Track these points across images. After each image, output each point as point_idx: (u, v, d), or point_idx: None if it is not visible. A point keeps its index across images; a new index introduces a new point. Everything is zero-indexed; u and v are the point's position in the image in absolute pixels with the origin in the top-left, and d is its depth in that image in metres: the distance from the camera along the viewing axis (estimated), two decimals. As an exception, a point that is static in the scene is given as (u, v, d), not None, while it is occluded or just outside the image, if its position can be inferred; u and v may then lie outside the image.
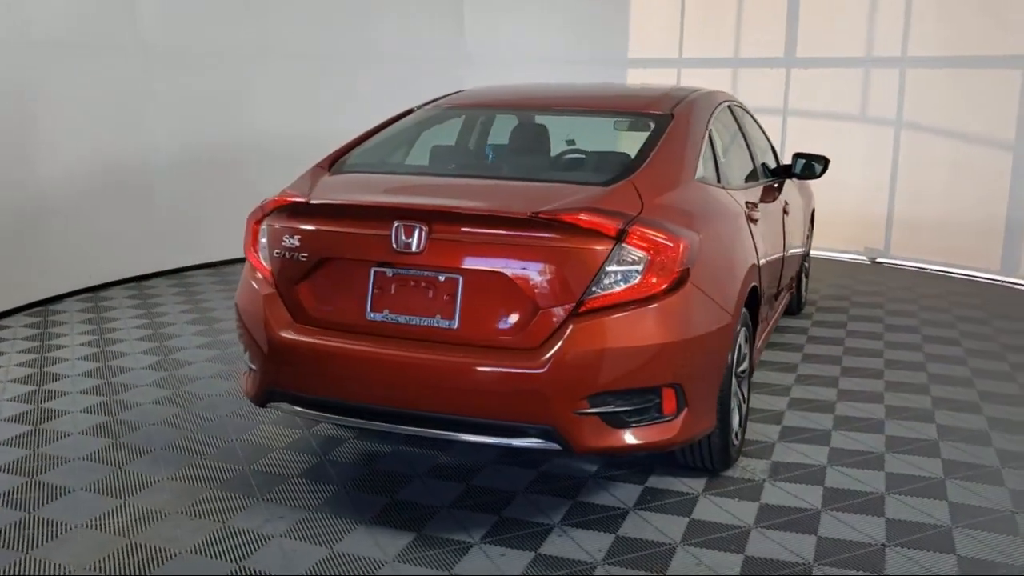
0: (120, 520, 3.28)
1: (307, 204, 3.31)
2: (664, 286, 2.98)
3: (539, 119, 4.23)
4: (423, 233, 3.04)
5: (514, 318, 3.02)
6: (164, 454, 3.86)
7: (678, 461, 3.66)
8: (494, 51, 9.03)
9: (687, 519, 3.31)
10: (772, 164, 5.20)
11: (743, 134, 4.67)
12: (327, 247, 3.24)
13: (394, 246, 3.08)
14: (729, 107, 4.55)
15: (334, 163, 3.75)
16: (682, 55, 8.84)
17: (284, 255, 3.31)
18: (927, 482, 3.62)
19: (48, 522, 3.26)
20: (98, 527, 3.23)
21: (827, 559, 3.03)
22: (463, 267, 3.05)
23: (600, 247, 2.96)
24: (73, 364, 5.06)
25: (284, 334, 3.25)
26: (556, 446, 2.99)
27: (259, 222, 3.47)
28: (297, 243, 3.27)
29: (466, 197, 3.34)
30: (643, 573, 2.95)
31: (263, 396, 3.36)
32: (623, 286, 2.96)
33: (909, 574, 2.94)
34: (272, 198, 3.42)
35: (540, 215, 2.98)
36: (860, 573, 2.94)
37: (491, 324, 3.04)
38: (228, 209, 7.40)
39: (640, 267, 2.97)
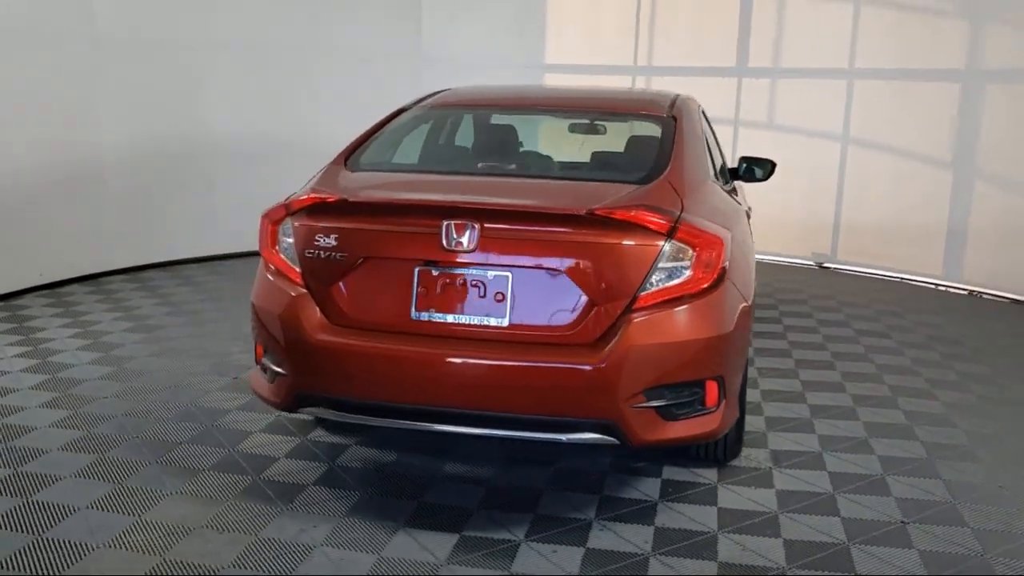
0: (142, 537, 3.09)
1: (347, 202, 3.21)
2: (709, 281, 3.08)
3: (544, 120, 4.27)
4: (475, 231, 3.02)
5: (567, 314, 3.04)
6: (161, 467, 3.65)
7: (689, 453, 3.77)
8: (452, 53, 9.12)
9: (715, 508, 3.42)
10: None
11: (711, 137, 4.86)
12: (369, 246, 3.16)
13: (444, 244, 3.05)
14: (702, 111, 4.72)
15: (346, 161, 3.66)
16: (636, 62, 9.12)
17: (318, 255, 3.20)
18: (917, 463, 3.88)
19: (63, 543, 3.03)
20: (121, 545, 3.03)
21: (859, 538, 3.20)
22: (514, 264, 3.05)
23: (653, 244, 3.02)
24: (20, 374, 4.70)
25: (320, 336, 3.14)
26: (613, 440, 3.03)
27: (278, 221, 3.34)
28: (334, 242, 3.17)
29: (509, 195, 3.34)
30: (696, 561, 3.03)
31: (294, 401, 3.24)
32: (673, 282, 3.04)
33: (936, 549, 3.15)
34: (299, 196, 3.30)
35: (596, 212, 3.01)
36: (894, 549, 3.13)
37: (543, 321, 3.05)
38: (181, 205, 7.47)
39: (688, 263, 3.05)
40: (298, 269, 3.25)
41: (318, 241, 3.20)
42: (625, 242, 3.02)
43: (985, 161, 7.38)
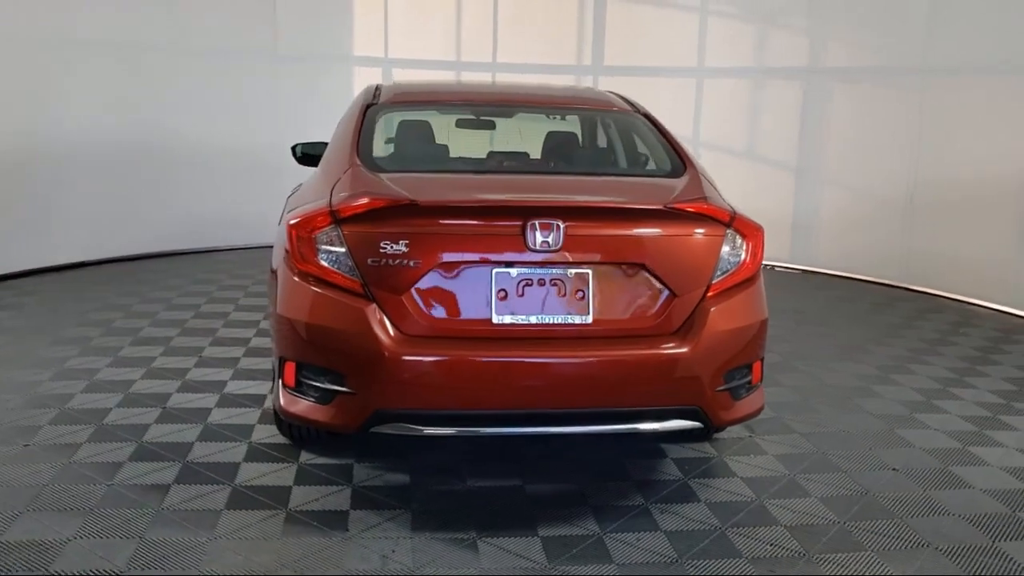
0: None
1: (418, 205, 3.04)
2: (756, 268, 3.31)
3: (518, 117, 4.25)
4: (559, 230, 3.01)
5: (649, 306, 3.13)
6: (188, 505, 3.22)
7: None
8: (310, 49, 8.84)
9: (741, 479, 3.67)
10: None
11: None
12: (443, 250, 3.03)
13: (529, 244, 3.00)
14: None
15: (363, 164, 3.43)
16: (496, 59, 9.20)
17: (386, 263, 3.00)
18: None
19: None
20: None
21: (878, 493, 3.61)
22: (593, 261, 3.08)
23: (719, 234, 3.19)
24: None
25: (400, 349, 2.96)
26: (696, 425, 3.17)
27: (314, 230, 3.09)
28: (405, 248, 3.00)
29: (575, 192, 3.35)
30: (766, 528, 3.25)
31: (368, 421, 3.03)
32: (734, 269, 3.23)
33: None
34: (350, 202, 3.06)
35: (673, 206, 3.12)
36: (927, 490, 3.57)
37: (625, 314, 3.12)
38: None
39: (741, 251, 3.25)
40: (359, 280, 3.03)
41: (384, 248, 3.01)
42: (697, 233, 3.16)
43: (825, 159, 8.35)
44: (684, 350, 3.07)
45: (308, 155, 4.97)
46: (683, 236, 3.15)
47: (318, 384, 3.11)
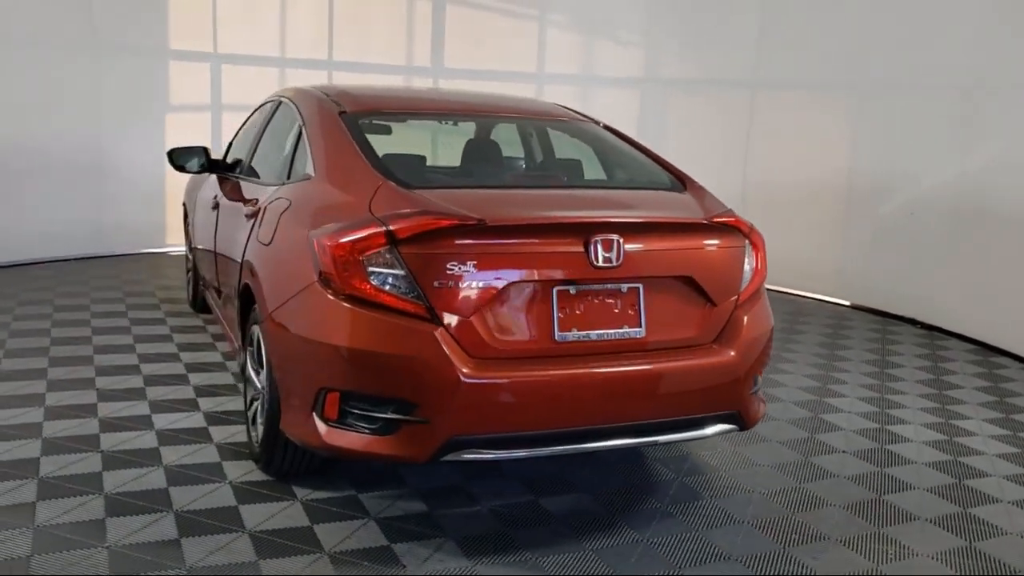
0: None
1: (487, 225, 2.90)
2: (764, 276, 3.51)
3: (495, 128, 4.16)
4: (620, 246, 3.02)
5: (693, 316, 3.22)
6: (213, 560, 2.87)
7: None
8: (134, 40, 8.04)
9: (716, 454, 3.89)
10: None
11: None
12: (509, 270, 2.93)
13: (592, 261, 2.99)
14: None
15: (396, 181, 3.21)
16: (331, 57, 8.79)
17: (453, 284, 2.86)
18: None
19: None
20: None
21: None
22: (645, 275, 3.12)
23: (742, 244, 3.36)
24: None
25: (473, 373, 2.84)
26: (734, 428, 3.31)
27: (363, 251, 2.89)
28: (473, 269, 2.87)
29: (625, 207, 3.37)
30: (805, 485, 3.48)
31: (439, 450, 2.87)
32: (751, 277, 3.41)
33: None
34: (411, 222, 2.87)
35: (714, 219, 3.24)
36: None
37: (672, 325, 3.19)
38: None
39: (752, 260, 3.43)
40: (423, 303, 2.87)
41: (452, 269, 2.87)
42: (730, 245, 3.31)
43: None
44: (729, 357, 3.21)
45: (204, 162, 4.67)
46: (720, 248, 3.29)
47: (377, 415, 2.90)
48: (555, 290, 3.01)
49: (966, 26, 6.53)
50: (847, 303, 7.65)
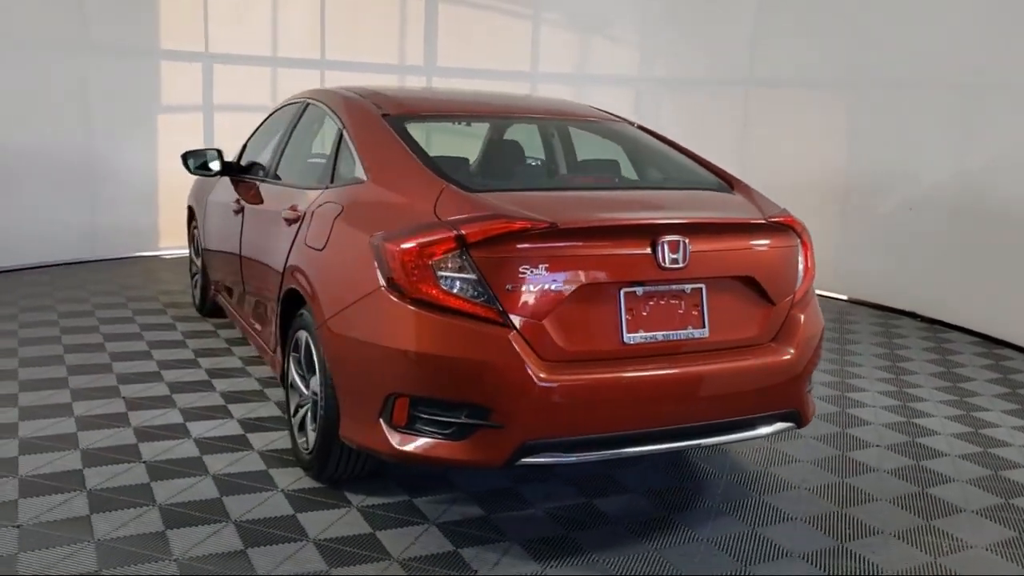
0: None
1: (559, 228, 2.89)
2: (813, 275, 3.54)
3: (534, 129, 4.16)
4: (686, 247, 3.03)
5: (752, 316, 3.25)
6: (283, 570, 2.83)
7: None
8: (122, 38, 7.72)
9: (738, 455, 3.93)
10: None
11: None
12: (580, 272, 2.93)
13: (660, 262, 3.00)
14: None
15: (455, 184, 3.18)
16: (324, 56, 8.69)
17: (526, 288, 2.85)
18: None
19: None
20: None
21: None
22: (708, 275, 3.14)
23: (795, 243, 3.38)
24: None
25: (549, 376, 2.84)
26: (791, 426, 3.34)
27: (433, 256, 2.87)
28: (545, 272, 2.87)
29: (689, 208, 3.37)
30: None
31: (514, 455, 2.86)
32: (803, 276, 3.44)
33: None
34: (482, 226, 2.85)
35: (772, 219, 3.26)
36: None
37: (734, 326, 3.21)
38: None
39: (803, 260, 3.47)
40: (495, 307, 2.86)
41: (524, 273, 2.86)
42: (787, 244, 3.33)
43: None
44: (788, 356, 3.24)
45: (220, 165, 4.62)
46: (778, 247, 3.32)
47: (450, 420, 2.89)
48: (622, 292, 3.01)
49: (962, 21, 6.62)
50: (844, 297, 7.76)
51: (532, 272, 2.87)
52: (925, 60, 6.88)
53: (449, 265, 2.88)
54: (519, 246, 2.88)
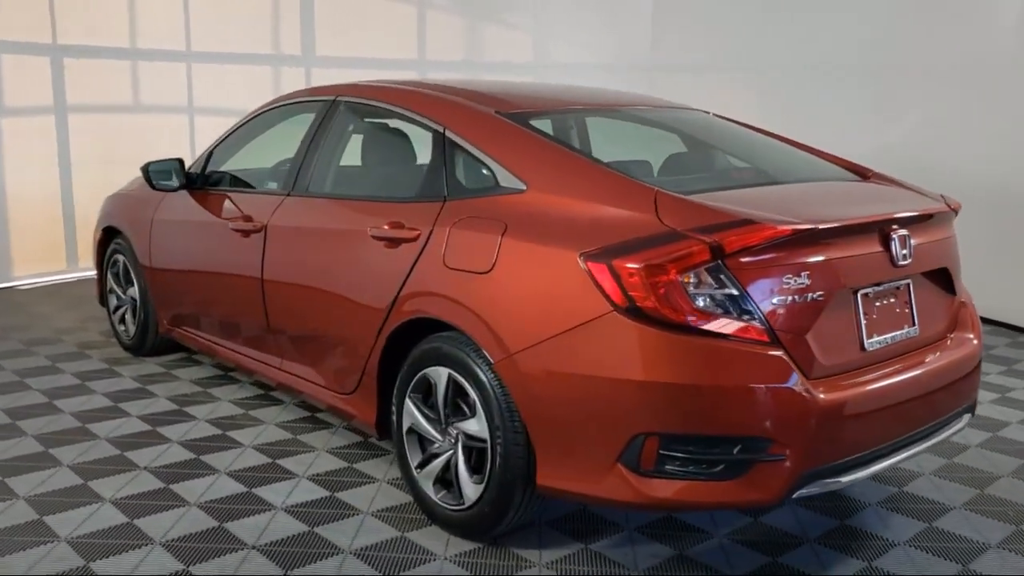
0: None
1: (817, 231, 2.60)
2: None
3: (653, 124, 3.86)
4: (911, 243, 2.87)
5: (943, 308, 3.15)
6: None
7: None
8: None
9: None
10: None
11: None
12: (831, 278, 2.68)
13: (895, 260, 2.81)
14: None
15: None
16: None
17: (789, 300, 2.56)
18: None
19: None
20: None
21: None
22: (916, 270, 2.98)
23: (954, 230, 3.30)
24: None
25: (825, 397, 2.57)
26: (971, 417, 3.28)
27: (683, 271, 2.50)
28: (808, 281, 2.58)
29: (888, 203, 3.13)
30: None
31: (792, 487, 2.56)
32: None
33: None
34: (741, 233, 2.50)
35: (950, 206, 3.17)
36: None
37: (932, 320, 3.08)
38: None
39: None
40: (763, 324, 2.53)
41: (787, 284, 2.55)
42: (952, 232, 3.25)
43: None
44: (974, 346, 3.17)
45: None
46: (952, 236, 3.23)
47: (715, 457, 2.53)
48: (859, 295, 2.79)
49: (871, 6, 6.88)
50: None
51: (794, 281, 2.58)
52: (833, 45, 7.06)
53: (704, 280, 2.52)
54: (778, 253, 2.58)
